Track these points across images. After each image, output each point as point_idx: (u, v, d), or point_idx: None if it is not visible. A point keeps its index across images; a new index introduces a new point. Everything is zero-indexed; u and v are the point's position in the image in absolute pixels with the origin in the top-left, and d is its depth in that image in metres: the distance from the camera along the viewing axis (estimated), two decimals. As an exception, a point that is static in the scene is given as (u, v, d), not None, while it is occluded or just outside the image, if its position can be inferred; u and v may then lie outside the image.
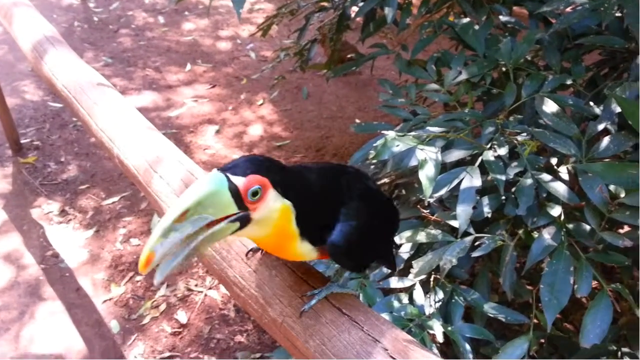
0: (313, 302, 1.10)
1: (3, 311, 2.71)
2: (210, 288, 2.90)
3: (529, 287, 1.91)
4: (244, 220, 0.93)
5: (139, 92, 4.62)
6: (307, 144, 4.07)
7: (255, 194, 0.91)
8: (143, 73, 4.91)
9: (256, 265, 1.20)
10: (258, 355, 2.55)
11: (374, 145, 1.62)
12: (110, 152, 1.63)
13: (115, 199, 3.45)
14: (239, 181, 0.90)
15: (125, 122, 1.64)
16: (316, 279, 1.16)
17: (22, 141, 3.89)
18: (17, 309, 2.73)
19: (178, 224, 0.87)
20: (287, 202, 0.97)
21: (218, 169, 0.92)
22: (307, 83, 4.82)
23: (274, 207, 0.95)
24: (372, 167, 2.23)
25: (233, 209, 0.90)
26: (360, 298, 1.62)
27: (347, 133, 4.12)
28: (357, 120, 4.33)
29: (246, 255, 1.23)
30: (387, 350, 0.99)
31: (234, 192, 0.89)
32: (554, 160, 1.81)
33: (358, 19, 2.76)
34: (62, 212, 3.33)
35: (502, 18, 2.23)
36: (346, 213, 1.07)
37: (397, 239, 1.76)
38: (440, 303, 1.70)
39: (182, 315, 2.73)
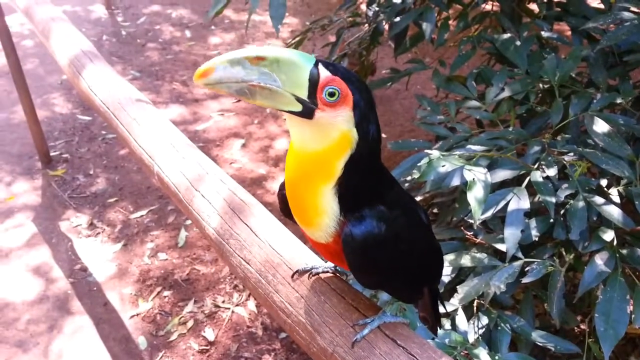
0: (366, 331, 1.05)
1: (32, 325, 2.71)
2: (237, 305, 2.86)
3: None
4: (306, 111, 0.88)
5: (167, 105, 4.64)
6: (334, 158, 4.02)
7: (331, 95, 0.87)
8: (170, 87, 4.94)
9: (304, 290, 1.16)
10: (287, 376, 2.50)
11: (418, 165, 1.57)
12: (149, 169, 1.60)
13: (143, 212, 3.44)
14: (324, 73, 0.87)
15: (165, 139, 1.62)
16: (367, 307, 1.11)
17: (52, 154, 3.93)
18: (45, 323, 2.72)
19: (248, 64, 0.86)
20: (354, 132, 0.89)
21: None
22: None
23: (340, 125, 0.89)
24: (407, 184, 2.18)
25: (303, 92, 0.87)
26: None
27: (374, 148, 4.07)
28: (384, 135, 4.29)
29: (292, 277, 1.19)
30: (448, 386, 0.93)
31: (314, 78, 0.87)
32: (603, 182, 1.74)
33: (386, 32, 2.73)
34: (91, 225, 3.33)
35: (544, 34, 2.18)
36: (382, 213, 0.95)
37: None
38: (484, 329, 1.64)
39: (209, 333, 2.69)
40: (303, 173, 0.94)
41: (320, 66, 0.87)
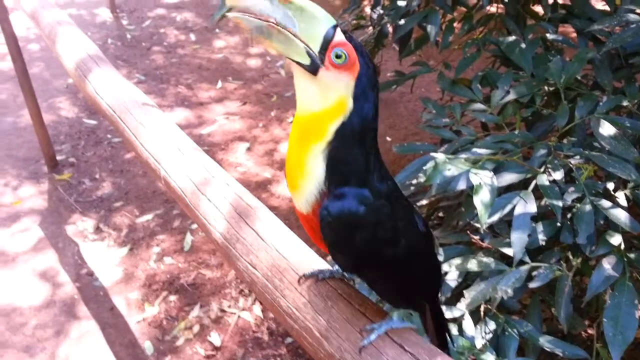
0: (373, 337, 1.04)
1: (39, 329, 2.71)
2: (243, 309, 2.86)
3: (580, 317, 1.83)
4: (313, 66, 0.92)
5: (172, 109, 4.66)
6: (339, 161, 4.02)
7: (338, 57, 0.91)
8: (175, 90, 4.96)
9: (311, 295, 1.15)
10: (293, 380, 2.50)
11: (424, 168, 1.56)
12: (156, 173, 1.61)
13: (149, 216, 3.45)
14: (339, 37, 0.91)
15: (171, 142, 1.62)
16: (374, 312, 1.11)
17: (58, 158, 3.94)
18: (52, 328, 2.73)
19: (276, 1, 0.90)
20: (351, 101, 0.93)
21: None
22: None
23: (339, 89, 0.93)
24: (412, 188, 2.18)
25: (315, 46, 0.91)
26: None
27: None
28: (388, 138, 4.28)
29: (298, 281, 1.19)
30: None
31: (327, 38, 0.91)
32: (610, 185, 1.73)
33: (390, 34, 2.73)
34: (97, 230, 3.35)
35: (550, 36, 2.17)
36: (365, 197, 0.96)
37: (445, 267, 1.68)
38: (491, 334, 1.63)
39: (215, 338, 2.69)
40: (299, 133, 0.98)
41: (338, 29, 0.92)
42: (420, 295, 1.19)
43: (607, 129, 1.68)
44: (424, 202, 2.20)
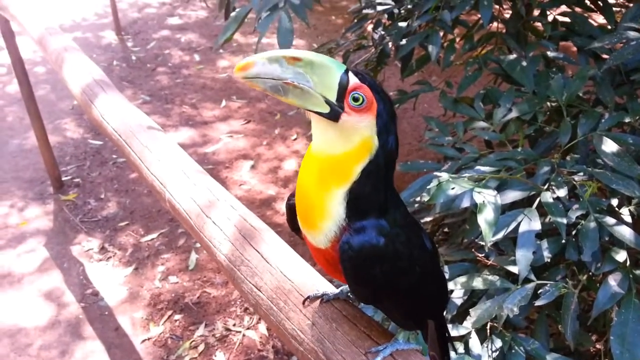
0: (378, 359, 1.04)
1: (44, 350, 2.71)
2: (248, 328, 2.85)
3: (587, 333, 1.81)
4: (333, 113, 0.93)
5: (177, 128, 4.70)
6: (343, 179, 4.03)
7: (356, 100, 0.92)
8: (180, 110, 5.00)
9: (315, 317, 1.15)
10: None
11: (427, 187, 1.57)
12: (161, 196, 1.62)
13: (154, 235, 3.46)
14: (354, 79, 0.93)
15: (176, 165, 1.64)
16: (379, 334, 1.10)
17: (63, 178, 3.97)
18: (57, 348, 2.72)
19: (284, 63, 0.92)
20: (376, 140, 0.94)
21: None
22: (341, 117, 4.83)
23: (362, 130, 0.93)
24: (416, 205, 2.18)
25: (332, 95, 0.93)
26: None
27: (383, 168, 4.08)
28: (392, 155, 4.29)
29: (303, 303, 1.19)
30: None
31: (343, 82, 0.92)
32: (614, 202, 1.73)
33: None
34: (102, 249, 3.36)
35: (550, 54, 2.19)
36: (384, 227, 0.97)
37: (450, 285, 1.68)
38: (498, 352, 1.62)
39: (220, 357, 2.68)
40: (319, 174, 0.97)
41: (350, 73, 0.94)
42: (430, 313, 1.19)
43: (609, 146, 1.69)
44: (429, 219, 2.21)
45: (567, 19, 2.29)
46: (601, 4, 2.29)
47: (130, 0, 7.75)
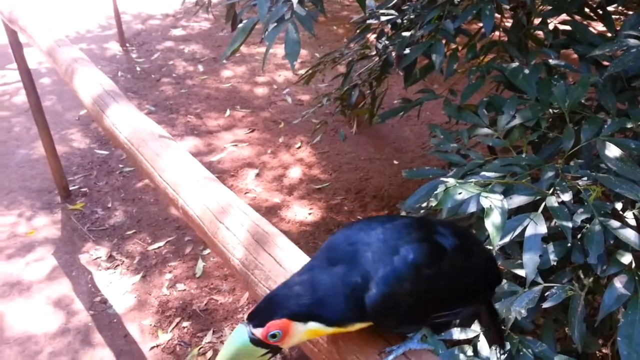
0: (390, 358, 1.07)
1: (54, 358, 2.73)
2: (256, 335, 2.86)
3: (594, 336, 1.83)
4: (276, 351, 1.01)
5: (182, 138, 4.74)
6: (347, 186, 4.07)
7: (274, 336, 0.97)
8: (185, 119, 5.05)
9: (329, 319, 1.18)
10: (308, 406, 2.49)
11: (435, 193, 1.60)
12: (174, 202, 1.65)
13: (161, 243, 3.49)
14: (258, 332, 0.97)
15: (188, 173, 1.67)
16: (392, 334, 1.13)
17: (71, 188, 4.01)
18: (67, 356, 2.74)
19: None
20: (312, 325, 1.00)
21: (244, 321, 0.99)
22: (344, 125, 4.88)
23: (300, 334, 1.00)
24: (422, 211, 2.21)
25: (261, 352, 0.99)
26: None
27: (386, 174, 4.12)
28: (395, 162, 4.34)
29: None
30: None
31: (257, 342, 0.98)
32: (618, 206, 1.76)
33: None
34: (110, 258, 3.39)
35: (552, 61, 2.23)
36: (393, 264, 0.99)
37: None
38: (506, 355, 1.64)
39: (229, 363, 2.70)
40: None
41: (253, 330, 0.97)
42: (473, 300, 1.20)
43: (612, 151, 1.72)
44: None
45: (567, 27, 2.33)
46: (601, 12, 2.34)
47: (134, 12, 7.84)
